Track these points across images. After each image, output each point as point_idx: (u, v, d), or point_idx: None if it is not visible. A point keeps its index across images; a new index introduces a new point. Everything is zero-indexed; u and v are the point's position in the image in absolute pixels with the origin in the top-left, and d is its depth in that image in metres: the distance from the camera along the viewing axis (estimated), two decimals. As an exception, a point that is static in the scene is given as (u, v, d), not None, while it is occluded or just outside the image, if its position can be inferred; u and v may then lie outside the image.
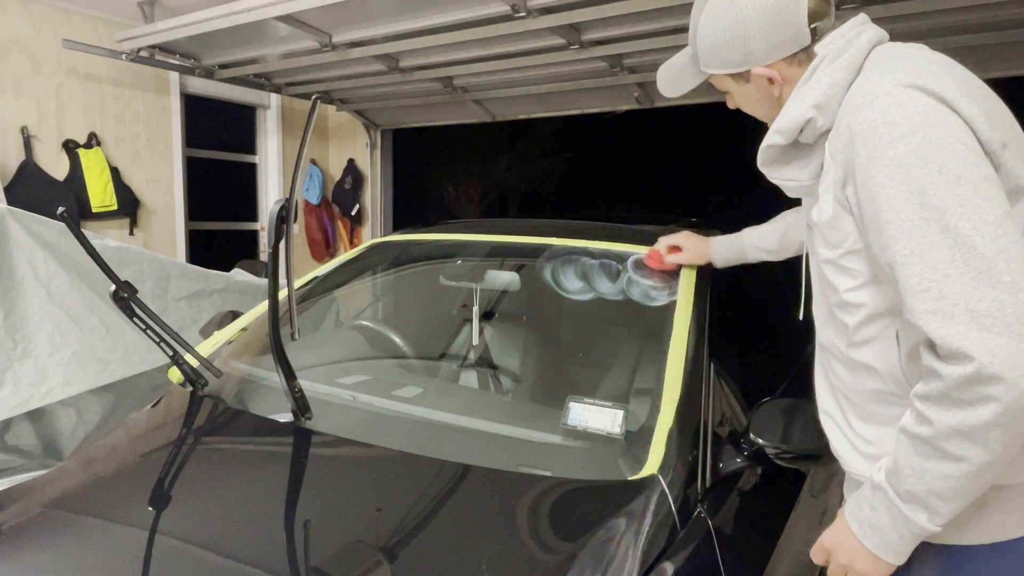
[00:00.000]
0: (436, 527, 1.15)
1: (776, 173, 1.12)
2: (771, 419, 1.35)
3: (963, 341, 0.82)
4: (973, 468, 0.86)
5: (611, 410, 1.37)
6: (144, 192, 4.33)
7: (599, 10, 2.66)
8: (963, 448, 0.85)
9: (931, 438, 0.88)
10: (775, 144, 1.08)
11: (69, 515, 1.20)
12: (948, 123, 0.88)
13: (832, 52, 1.03)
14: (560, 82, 3.87)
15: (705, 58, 1.15)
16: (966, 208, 0.84)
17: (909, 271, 0.87)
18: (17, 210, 2.69)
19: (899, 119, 0.90)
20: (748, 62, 1.09)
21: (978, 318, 0.82)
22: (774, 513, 1.50)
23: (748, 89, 1.14)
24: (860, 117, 0.94)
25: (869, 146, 0.92)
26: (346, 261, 2.36)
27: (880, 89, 0.94)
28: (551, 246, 1.98)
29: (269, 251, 1.32)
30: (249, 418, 1.57)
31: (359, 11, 3.02)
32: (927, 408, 0.88)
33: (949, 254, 0.85)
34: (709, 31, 1.11)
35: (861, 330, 1.04)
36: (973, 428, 0.84)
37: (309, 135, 1.33)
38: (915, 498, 0.91)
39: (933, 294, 0.85)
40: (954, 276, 0.84)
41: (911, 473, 0.91)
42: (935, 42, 2.86)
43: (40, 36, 3.76)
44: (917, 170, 0.87)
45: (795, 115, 1.03)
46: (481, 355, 1.97)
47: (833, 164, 1.00)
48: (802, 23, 1.04)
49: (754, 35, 1.06)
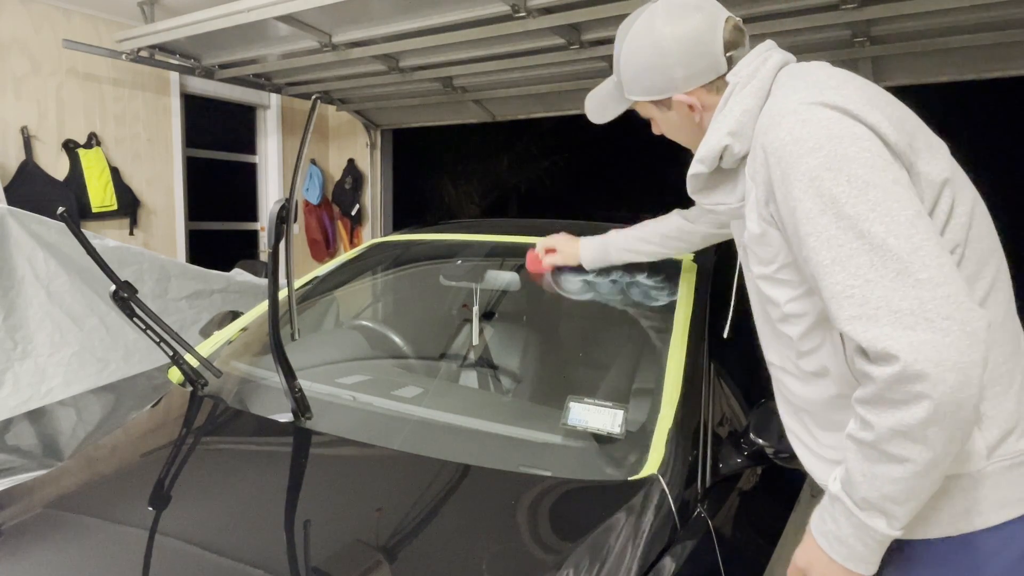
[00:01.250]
0: (436, 527, 1.15)
1: (706, 199, 1.17)
2: (771, 419, 1.35)
3: (888, 341, 0.84)
4: (919, 468, 0.86)
5: (611, 410, 1.37)
6: (144, 192, 4.33)
7: (599, 10, 2.66)
8: (905, 448, 0.86)
9: (874, 442, 0.88)
10: (699, 173, 1.13)
11: (69, 515, 1.20)
12: (853, 132, 0.91)
13: (742, 80, 1.08)
14: (560, 82, 3.87)
15: (629, 85, 1.20)
16: (878, 212, 0.87)
17: (831, 280, 0.89)
18: (17, 210, 2.69)
19: (805, 135, 0.93)
20: (669, 89, 1.14)
21: (901, 317, 0.84)
22: (774, 513, 1.50)
23: (670, 116, 1.19)
24: (770, 137, 0.98)
25: (782, 164, 0.95)
26: (346, 261, 2.36)
27: (786, 108, 0.98)
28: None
29: (269, 251, 1.32)
30: (249, 418, 1.57)
31: (359, 11, 3.02)
32: (867, 412, 0.89)
33: (867, 259, 0.87)
34: (632, 60, 1.17)
35: (806, 339, 1.06)
36: (911, 427, 0.84)
37: (309, 135, 1.33)
38: (871, 504, 0.91)
39: (856, 300, 0.87)
40: (874, 280, 0.86)
41: (863, 480, 0.91)
42: (935, 42, 2.89)
43: (40, 36, 3.76)
44: (828, 181, 0.90)
45: (712, 144, 1.08)
46: (481, 355, 1.97)
47: (754, 185, 1.04)
48: (718, 52, 1.10)
49: (673, 64, 1.11)
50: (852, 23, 2.75)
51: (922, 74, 3.22)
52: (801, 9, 2.65)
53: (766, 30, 2.72)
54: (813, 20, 2.67)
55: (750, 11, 2.67)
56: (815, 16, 2.65)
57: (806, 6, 2.62)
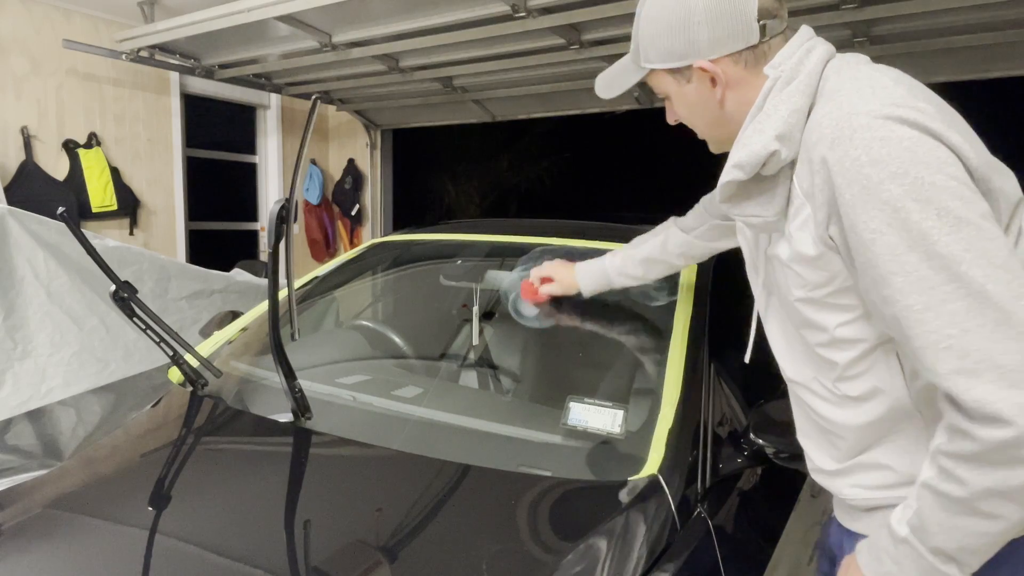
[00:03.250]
0: (436, 527, 1.15)
1: (737, 209, 1.03)
2: (771, 419, 1.35)
3: (997, 403, 0.77)
4: (1009, 525, 0.82)
5: (611, 410, 1.37)
6: (144, 192, 4.33)
7: (599, 10, 2.66)
8: (1000, 507, 0.81)
9: (964, 499, 0.82)
10: (735, 179, 0.99)
11: (69, 515, 1.20)
12: (937, 157, 0.82)
13: (785, 75, 0.96)
14: (560, 82, 3.87)
15: (645, 49, 1.07)
16: (973, 254, 0.78)
17: (924, 328, 0.81)
18: (17, 210, 2.69)
19: (885, 157, 0.82)
20: (690, 53, 1.01)
21: (1006, 374, 0.77)
22: (774, 513, 1.50)
23: (687, 91, 1.06)
24: (839, 153, 0.86)
25: (855, 187, 0.84)
26: (346, 261, 2.36)
27: (857, 122, 0.86)
28: (549, 246, 1.98)
29: (269, 251, 1.32)
30: (249, 418, 1.57)
31: (359, 11, 3.02)
32: (957, 467, 0.83)
33: (964, 305, 0.78)
34: (652, 18, 1.04)
35: (858, 363, 0.98)
36: (1012, 488, 0.79)
37: (309, 135, 1.33)
38: (944, 553, 0.86)
39: (955, 352, 0.79)
40: (972, 330, 0.78)
41: (940, 530, 0.85)
42: (935, 42, 2.89)
43: (40, 36, 3.76)
44: (916, 214, 0.80)
45: (756, 148, 0.94)
46: (481, 355, 1.97)
47: (809, 203, 0.92)
48: (751, 16, 0.97)
49: (699, 21, 0.98)
50: (852, 23, 2.75)
51: (922, 74, 3.17)
52: (801, 9, 2.65)
53: (766, 30, 2.71)
54: (813, 20, 2.66)
55: (750, 11, 2.67)
56: (815, 16, 2.65)
57: (806, 6, 2.62)
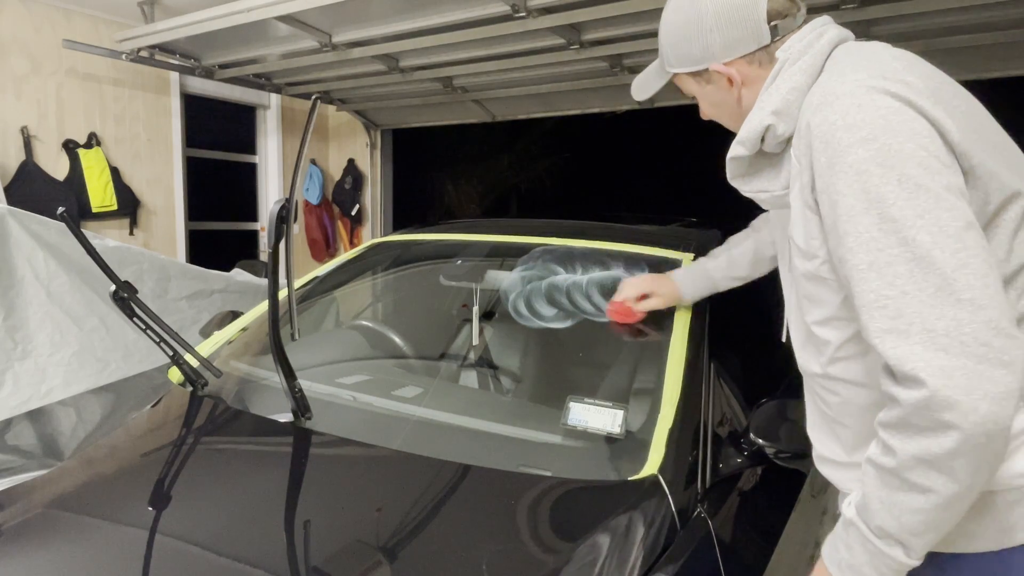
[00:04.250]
0: (436, 527, 1.15)
1: (747, 186, 1.09)
2: (771, 419, 1.35)
3: (917, 362, 0.78)
4: (941, 500, 0.81)
5: (611, 410, 1.37)
6: (144, 192, 4.33)
7: (599, 10, 2.66)
8: (928, 478, 0.81)
9: (896, 469, 0.83)
10: (739, 155, 1.04)
11: (69, 515, 1.20)
12: (911, 127, 0.84)
13: (792, 55, 1.00)
14: (560, 82, 3.87)
15: (667, 56, 1.15)
16: (926, 220, 0.80)
17: (865, 286, 0.83)
18: (17, 210, 2.69)
19: (859, 122, 0.85)
20: (706, 58, 1.07)
21: (935, 337, 0.78)
22: (774, 513, 1.50)
23: (709, 91, 1.13)
24: (819, 118, 0.90)
25: (829, 150, 0.87)
26: (346, 261, 2.36)
27: (841, 89, 0.89)
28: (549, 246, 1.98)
29: (269, 251, 1.32)
30: (249, 418, 1.57)
31: (359, 11, 3.02)
32: (889, 437, 0.84)
33: (907, 268, 0.80)
34: (670, 27, 1.12)
35: (847, 346, 0.99)
36: (936, 456, 0.79)
37: (309, 135, 1.33)
38: (887, 533, 0.86)
39: (890, 312, 0.81)
40: (911, 292, 0.80)
41: (880, 507, 0.86)
42: (935, 42, 2.88)
43: (40, 36, 3.76)
44: (876, 178, 0.83)
45: (754, 123, 1.00)
46: (481, 355, 1.97)
47: (800, 167, 0.95)
48: (760, 19, 1.02)
49: (710, 27, 1.04)
50: (852, 23, 2.75)
51: (922, 74, 3.21)
52: (801, 9, 2.64)
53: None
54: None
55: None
56: (815, 16, 2.65)
57: (806, 6, 2.62)
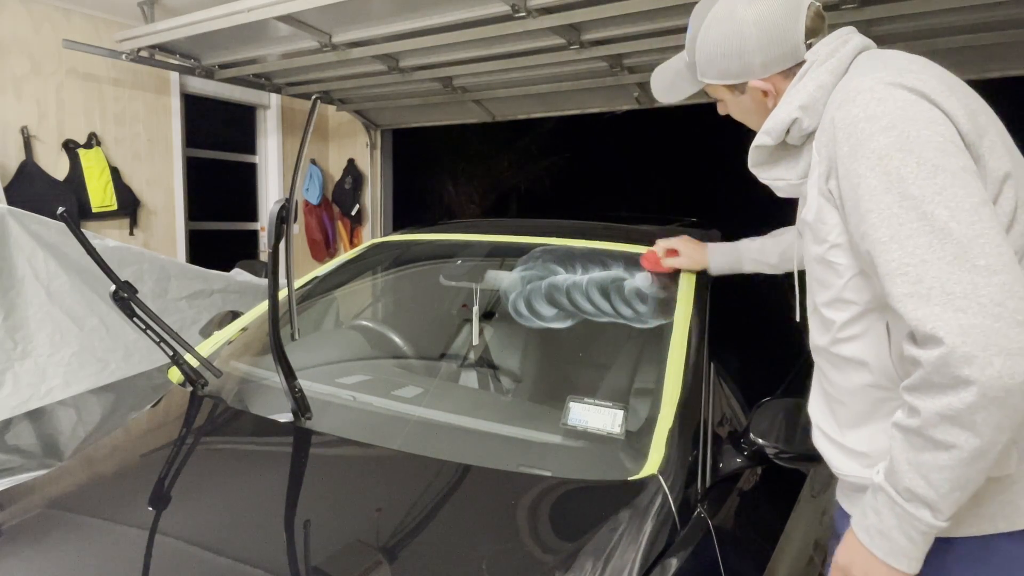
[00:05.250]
0: (436, 527, 1.15)
1: (765, 173, 1.16)
2: (771, 419, 1.35)
3: (936, 322, 0.84)
4: (965, 455, 0.85)
5: (611, 410, 1.37)
6: (144, 192, 4.33)
7: (599, 10, 2.66)
8: (952, 434, 0.85)
9: (920, 427, 0.88)
10: (764, 145, 1.12)
11: (69, 515, 1.20)
12: (928, 116, 0.91)
13: (820, 58, 1.07)
14: (560, 82, 3.87)
15: (703, 67, 1.19)
16: (943, 196, 0.87)
17: (888, 257, 0.90)
18: (17, 210, 2.69)
19: (880, 113, 0.93)
20: (745, 75, 1.13)
21: (953, 300, 0.84)
22: (774, 513, 1.50)
23: (742, 99, 1.19)
24: (843, 112, 0.97)
25: (852, 140, 0.95)
26: (346, 261, 2.36)
27: (863, 86, 0.97)
28: (548, 246, 1.98)
29: (269, 251, 1.32)
30: (249, 418, 1.57)
31: (359, 11, 3.02)
32: (914, 398, 0.89)
33: (926, 240, 0.87)
34: (709, 42, 1.15)
35: (849, 326, 1.05)
36: (958, 412, 0.84)
37: (309, 135, 1.33)
38: (915, 495, 0.90)
39: (911, 278, 0.87)
40: (930, 261, 0.86)
41: (908, 468, 0.90)
42: (934, 42, 2.88)
43: (40, 36, 3.76)
44: (896, 161, 0.90)
45: (782, 116, 1.07)
46: (481, 355, 1.97)
47: (819, 158, 1.03)
48: (799, 41, 1.09)
49: (752, 50, 1.10)
50: (852, 23, 2.74)
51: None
52: (801, 9, 2.64)
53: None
54: (813, 20, 2.66)
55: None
56: (815, 16, 2.65)
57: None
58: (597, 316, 1.72)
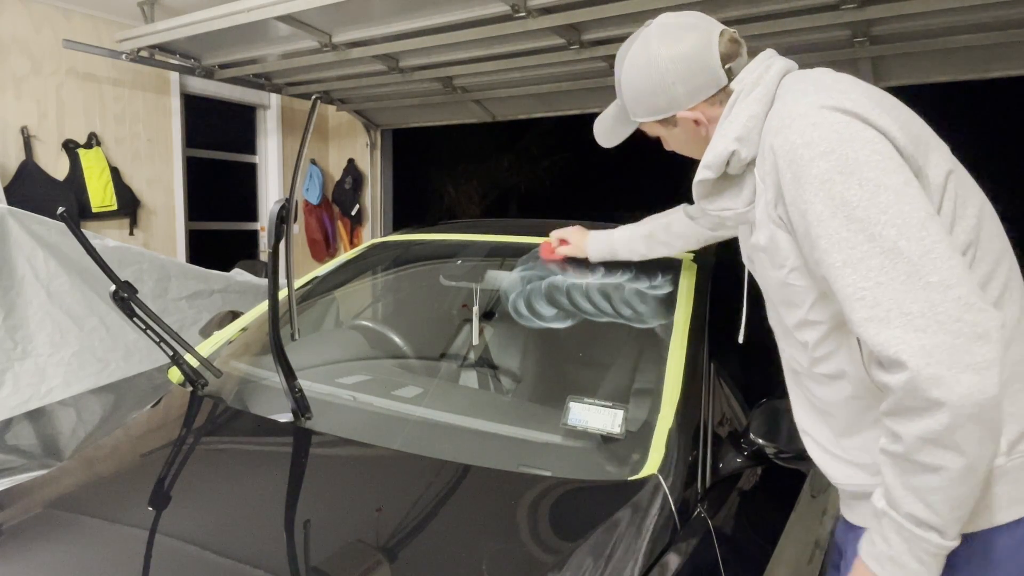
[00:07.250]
0: (436, 527, 1.15)
1: (712, 205, 1.16)
2: (771, 419, 1.35)
3: (899, 345, 0.84)
4: (955, 474, 0.85)
5: (611, 410, 1.37)
6: (144, 192, 4.33)
7: (599, 10, 2.66)
8: (937, 456, 0.85)
9: (906, 453, 0.88)
10: (706, 179, 1.12)
11: (69, 515, 1.20)
12: (863, 136, 0.92)
13: (746, 87, 1.08)
14: (560, 82, 3.87)
15: (632, 107, 1.21)
16: (889, 215, 0.88)
17: (844, 282, 0.90)
18: (17, 210, 2.69)
19: (816, 139, 0.93)
20: (672, 107, 1.15)
21: (912, 319, 0.84)
22: (774, 513, 1.50)
23: (676, 132, 1.20)
24: (781, 139, 0.98)
25: (793, 167, 0.95)
26: (346, 261, 2.36)
27: (796, 111, 0.98)
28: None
29: (269, 251, 1.32)
30: (249, 418, 1.57)
31: (359, 11, 3.02)
32: (893, 423, 0.89)
33: (878, 262, 0.87)
34: (632, 84, 1.18)
35: (822, 345, 1.06)
36: (938, 434, 0.84)
37: (309, 135, 1.33)
38: (918, 519, 0.90)
39: (867, 302, 0.87)
40: (885, 282, 0.86)
41: (905, 494, 0.90)
42: (935, 42, 2.89)
43: (40, 36, 3.76)
44: (839, 185, 0.90)
45: (719, 149, 1.08)
46: (481, 355, 1.97)
47: (764, 186, 1.04)
48: (716, 66, 1.10)
49: (672, 82, 1.12)
50: (852, 23, 2.75)
51: (922, 74, 3.22)
52: (801, 9, 2.65)
53: (766, 30, 2.71)
54: (813, 20, 2.66)
55: (750, 11, 2.67)
56: (815, 16, 2.65)
57: (806, 6, 2.62)
58: (597, 316, 1.72)
